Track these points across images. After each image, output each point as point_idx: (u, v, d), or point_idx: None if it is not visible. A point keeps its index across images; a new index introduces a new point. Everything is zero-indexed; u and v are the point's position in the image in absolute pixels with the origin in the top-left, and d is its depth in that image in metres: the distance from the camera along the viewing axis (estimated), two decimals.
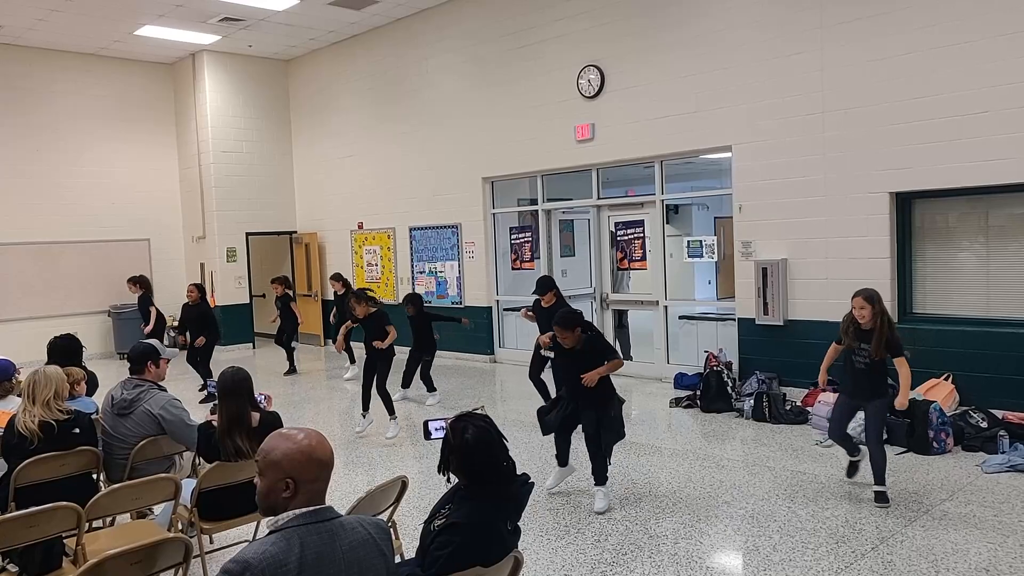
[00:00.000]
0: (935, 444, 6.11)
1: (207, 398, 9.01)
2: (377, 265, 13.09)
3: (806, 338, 7.70)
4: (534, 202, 11.00)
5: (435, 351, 8.91)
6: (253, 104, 14.04)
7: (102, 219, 13.46)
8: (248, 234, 14.10)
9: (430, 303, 9.36)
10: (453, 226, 11.70)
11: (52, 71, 12.91)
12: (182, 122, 14.22)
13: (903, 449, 6.22)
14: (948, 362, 6.97)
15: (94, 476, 4.40)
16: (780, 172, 7.98)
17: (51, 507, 3.37)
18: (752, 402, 7.45)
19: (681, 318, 9.61)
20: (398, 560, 3.22)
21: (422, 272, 12.30)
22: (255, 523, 4.44)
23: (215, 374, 4.67)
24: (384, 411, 7.25)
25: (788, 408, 7.31)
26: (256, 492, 2.18)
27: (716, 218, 12.39)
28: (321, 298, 14.01)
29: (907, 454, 6.15)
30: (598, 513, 5.12)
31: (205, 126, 13.58)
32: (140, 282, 11.31)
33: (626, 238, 9.87)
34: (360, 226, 13.33)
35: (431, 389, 8.84)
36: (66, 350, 5.40)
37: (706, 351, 8.45)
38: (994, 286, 7.02)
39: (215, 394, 4.25)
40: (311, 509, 2.13)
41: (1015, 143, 6.52)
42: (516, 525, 2.91)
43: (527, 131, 10.43)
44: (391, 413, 7.22)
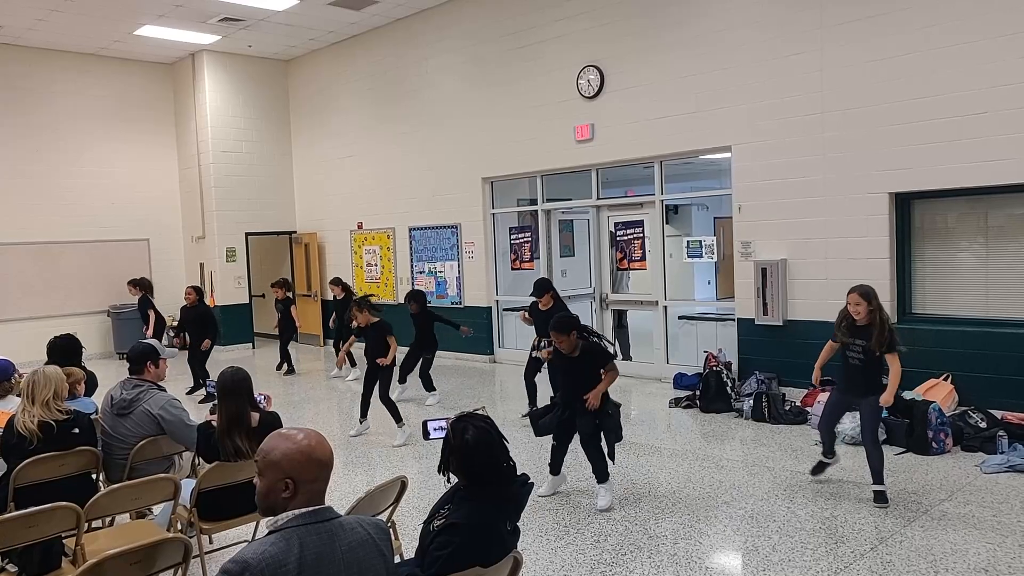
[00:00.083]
0: (934, 444, 6.12)
1: (206, 398, 9.01)
2: (377, 265, 13.09)
3: (805, 338, 7.69)
4: (534, 202, 10.99)
5: (436, 349, 8.89)
6: (253, 104, 14.03)
7: (102, 219, 13.46)
8: (248, 234, 14.10)
9: (430, 303, 9.34)
10: (453, 226, 11.70)
11: (52, 71, 12.90)
12: (182, 122, 14.21)
13: (902, 449, 6.22)
14: (947, 362, 6.97)
15: (93, 476, 4.40)
16: (780, 172, 7.98)
17: (50, 507, 3.36)
18: (751, 402, 7.46)
19: (680, 318, 9.61)
20: (397, 560, 3.22)
21: (422, 272, 12.30)
22: (254, 523, 4.44)
23: (214, 374, 4.66)
24: (390, 419, 7.16)
25: (787, 408, 7.31)
26: (255, 492, 2.18)
27: (716, 218, 12.38)
28: (321, 298, 14.00)
29: (906, 454, 6.15)
30: (601, 510, 5.13)
31: (205, 126, 13.58)
32: (140, 284, 11.34)
33: (626, 238, 9.87)
34: (360, 226, 13.33)
35: (430, 389, 8.82)
36: (66, 350, 5.42)
37: (705, 351, 8.45)
38: (993, 286, 7.02)
39: (214, 394, 4.25)
40: (311, 509, 2.13)
41: (1015, 143, 6.52)
42: (516, 525, 2.91)
43: (527, 131, 10.43)
44: (398, 421, 7.13)
